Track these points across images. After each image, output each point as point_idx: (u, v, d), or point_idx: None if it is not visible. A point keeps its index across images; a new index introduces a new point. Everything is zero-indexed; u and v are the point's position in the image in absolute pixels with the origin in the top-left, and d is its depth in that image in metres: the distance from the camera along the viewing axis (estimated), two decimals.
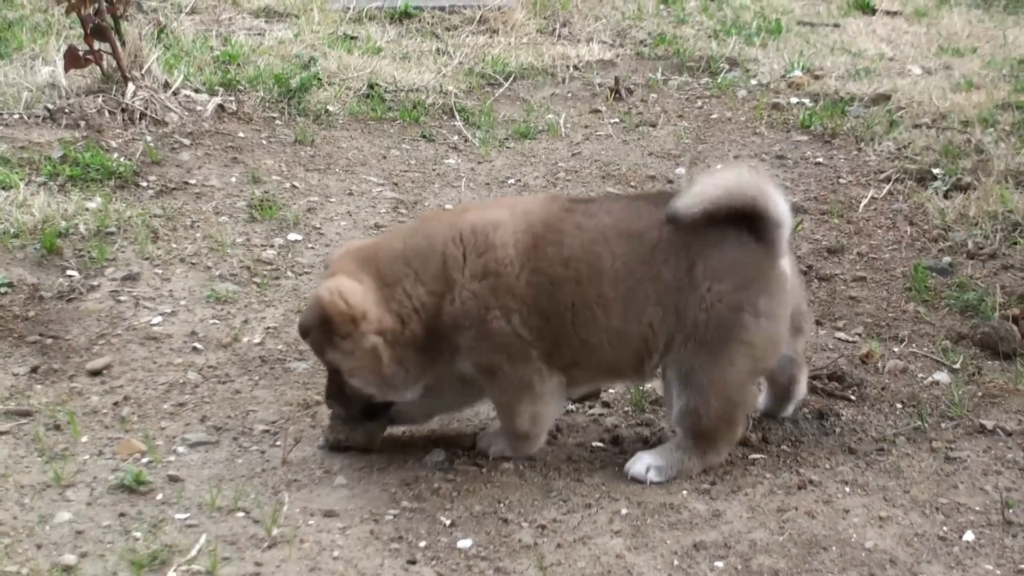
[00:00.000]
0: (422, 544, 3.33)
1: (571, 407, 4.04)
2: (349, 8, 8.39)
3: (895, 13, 8.95)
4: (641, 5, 8.93)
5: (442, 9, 8.59)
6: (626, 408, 4.05)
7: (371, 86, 6.99)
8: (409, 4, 8.50)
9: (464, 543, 3.34)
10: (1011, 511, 3.45)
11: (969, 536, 3.35)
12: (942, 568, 3.21)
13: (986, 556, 3.27)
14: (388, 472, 3.68)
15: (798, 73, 7.43)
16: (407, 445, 3.83)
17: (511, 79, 7.38)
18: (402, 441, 3.86)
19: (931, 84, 7.18)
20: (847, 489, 3.57)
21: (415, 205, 5.63)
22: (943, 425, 3.92)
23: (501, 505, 3.50)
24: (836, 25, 8.59)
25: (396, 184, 5.85)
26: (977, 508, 3.48)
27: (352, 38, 7.84)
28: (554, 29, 8.39)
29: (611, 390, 4.15)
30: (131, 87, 6.14)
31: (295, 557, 3.25)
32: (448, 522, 3.43)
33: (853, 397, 4.12)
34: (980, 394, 4.12)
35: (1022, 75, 7.39)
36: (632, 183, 5.91)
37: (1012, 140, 6.20)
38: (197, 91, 6.54)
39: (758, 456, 3.77)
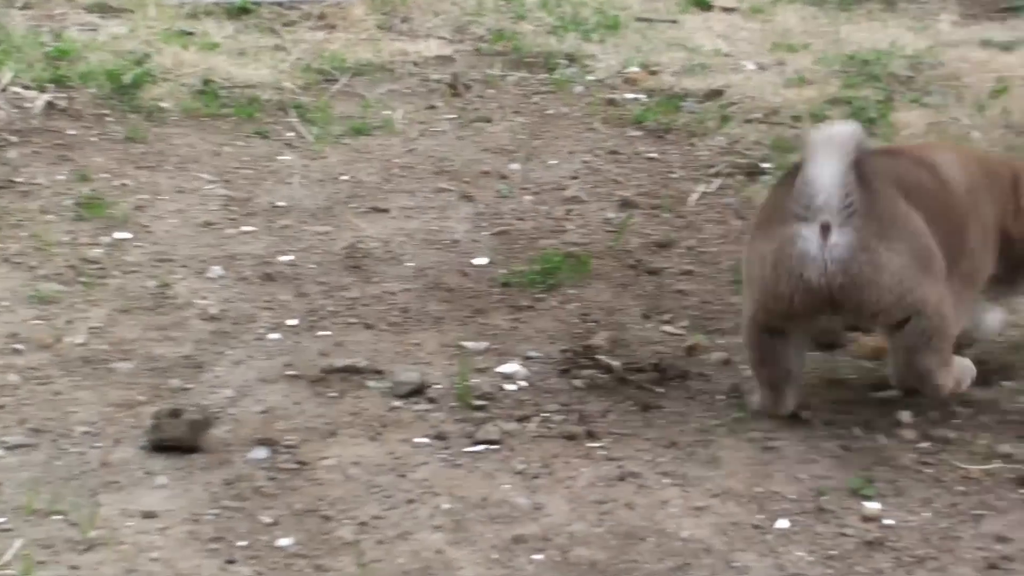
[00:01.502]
0: (241, 543, 3.31)
1: (397, 403, 4.05)
2: (185, 3, 8.30)
3: (732, 9, 9.04)
4: (481, 1, 8.94)
5: (280, 4, 8.52)
6: (452, 403, 4.05)
7: (206, 82, 6.92)
8: (247, 0, 8.43)
9: (284, 541, 3.32)
10: (824, 498, 3.52)
11: (783, 523, 3.41)
12: (755, 555, 3.27)
13: (798, 543, 3.33)
14: (210, 471, 3.65)
15: (635, 69, 7.49)
16: (230, 444, 3.81)
17: (349, 75, 7.35)
18: (225, 440, 3.83)
19: (764, 80, 7.29)
20: (666, 480, 3.61)
21: (247, 202, 5.59)
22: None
23: (323, 503, 3.50)
24: (674, 21, 8.65)
25: (228, 181, 5.80)
26: (792, 496, 3.54)
27: (188, 34, 7.75)
28: (393, 25, 8.37)
29: (438, 385, 4.16)
30: None
31: (112, 559, 3.21)
32: (269, 521, 3.41)
33: (678, 389, 4.18)
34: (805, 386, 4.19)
35: (852, 70, 7.51)
36: (466, 179, 5.92)
37: None
38: (27, 88, 6.43)
39: (582, 449, 3.80)
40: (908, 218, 3.83)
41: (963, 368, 4.05)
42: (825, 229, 3.67)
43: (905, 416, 3.97)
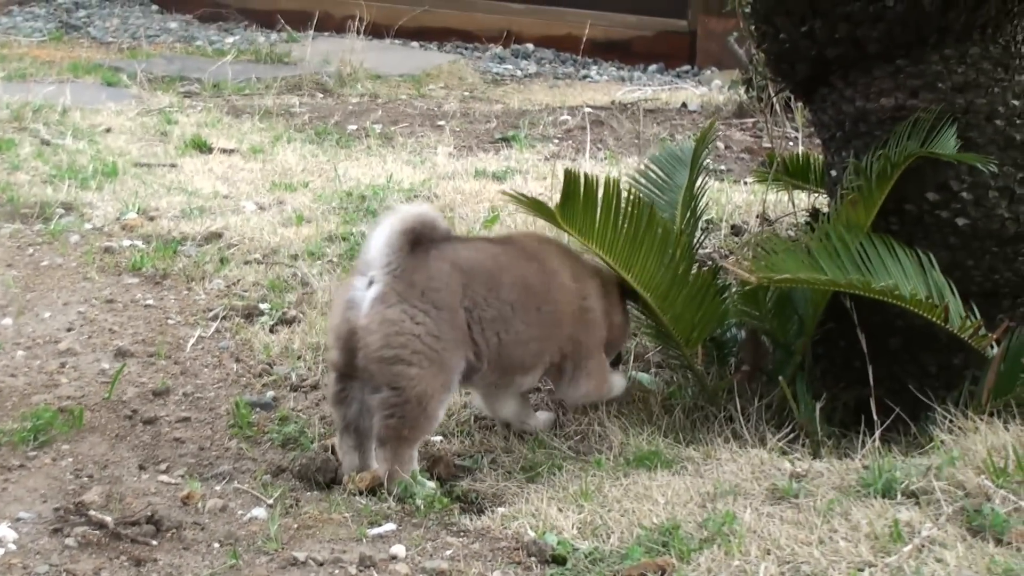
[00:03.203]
0: None
1: None
2: None
3: (231, 151, 9.10)
4: None
5: None
6: None
7: None
8: None
9: None
10: None
11: None
12: None
13: None
14: None
15: (133, 215, 7.41)
16: None
17: None
18: None
19: (263, 220, 7.34)
20: None
21: None
22: (258, 561, 3.98)
23: None
24: (173, 165, 8.63)
25: None
26: None
27: None
28: None
29: None
30: None
31: None
32: None
33: (172, 540, 4.12)
34: (296, 526, 4.21)
35: (350, 207, 7.68)
36: None
37: (337, 271, 6.43)
38: None
39: None
40: (441, 299, 4.43)
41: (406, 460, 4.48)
42: (370, 282, 4.41)
43: (399, 550, 4.05)
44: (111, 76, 11.69)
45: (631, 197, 4.83)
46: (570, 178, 4.60)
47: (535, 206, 4.74)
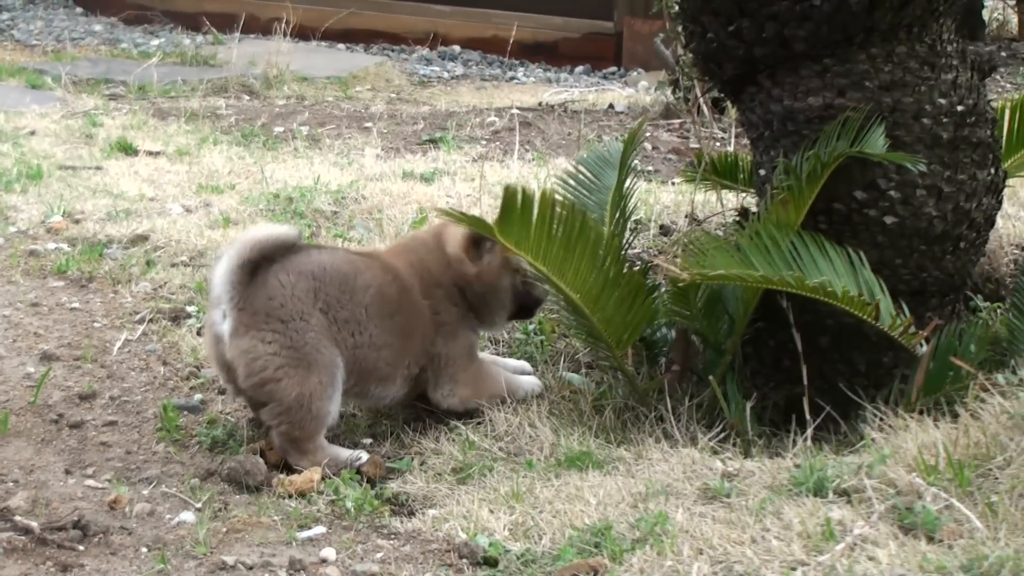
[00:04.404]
0: None
1: None
2: None
3: (157, 153, 9.01)
4: None
5: None
6: None
7: None
8: None
9: None
10: None
11: None
12: None
13: None
14: None
15: (58, 218, 7.32)
16: None
17: None
18: None
19: (190, 222, 7.27)
20: None
21: None
22: (187, 565, 3.94)
23: None
24: (99, 168, 8.53)
25: None
26: None
27: None
28: None
29: None
30: None
31: None
32: None
33: (99, 546, 4.07)
34: (225, 530, 4.18)
35: (278, 208, 7.62)
36: None
37: None
38: None
39: None
40: (286, 312, 4.58)
41: (335, 456, 4.64)
42: (224, 315, 4.60)
43: (329, 553, 4.03)
44: (35, 79, 11.58)
45: (565, 204, 4.79)
46: (509, 194, 4.50)
47: (474, 222, 4.67)
